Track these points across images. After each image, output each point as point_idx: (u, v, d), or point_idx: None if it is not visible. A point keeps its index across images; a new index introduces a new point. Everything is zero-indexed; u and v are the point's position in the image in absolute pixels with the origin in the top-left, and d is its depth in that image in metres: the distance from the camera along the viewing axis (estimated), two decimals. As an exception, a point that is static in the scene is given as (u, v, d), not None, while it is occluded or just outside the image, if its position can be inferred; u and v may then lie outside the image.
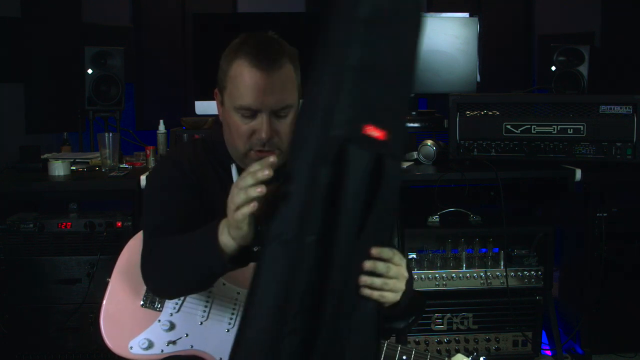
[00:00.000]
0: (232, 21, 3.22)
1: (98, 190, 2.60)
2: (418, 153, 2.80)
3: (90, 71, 3.03)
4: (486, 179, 2.63)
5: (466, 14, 3.14)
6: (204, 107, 2.90)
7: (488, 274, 2.68)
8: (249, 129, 1.50)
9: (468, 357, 1.59)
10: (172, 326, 1.55)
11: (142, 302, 1.59)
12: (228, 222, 1.27)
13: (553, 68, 3.22)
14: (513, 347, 2.74)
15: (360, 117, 0.78)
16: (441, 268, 2.69)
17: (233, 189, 1.26)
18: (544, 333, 2.82)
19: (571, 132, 2.65)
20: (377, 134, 0.81)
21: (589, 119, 2.64)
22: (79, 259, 2.57)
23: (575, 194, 2.70)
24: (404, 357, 1.54)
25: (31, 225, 2.56)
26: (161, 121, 2.97)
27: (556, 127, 2.66)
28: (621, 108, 2.61)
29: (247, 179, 1.23)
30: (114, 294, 1.62)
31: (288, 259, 0.84)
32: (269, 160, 1.24)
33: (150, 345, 1.54)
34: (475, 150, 2.72)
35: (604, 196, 2.76)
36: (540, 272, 2.70)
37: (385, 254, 1.24)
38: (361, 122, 0.80)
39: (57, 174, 2.62)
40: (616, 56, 3.62)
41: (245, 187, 1.22)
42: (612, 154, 2.63)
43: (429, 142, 2.79)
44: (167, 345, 1.54)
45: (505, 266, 2.68)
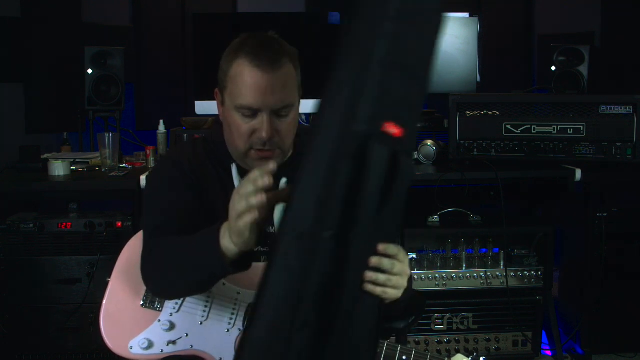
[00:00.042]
0: (232, 21, 3.22)
1: (98, 190, 2.60)
2: (418, 153, 2.80)
3: (90, 71, 3.03)
4: (486, 179, 2.63)
5: (466, 14, 3.14)
6: (204, 107, 2.90)
7: (488, 274, 2.68)
8: (250, 129, 1.50)
9: (468, 357, 1.59)
10: (172, 326, 1.55)
11: (142, 302, 1.59)
12: (229, 227, 1.26)
13: (553, 68, 3.22)
14: (513, 347, 2.74)
15: (382, 114, 0.78)
16: (441, 268, 2.69)
17: (234, 196, 1.25)
18: (544, 333, 2.82)
19: (571, 132, 2.65)
20: (395, 131, 0.81)
21: (589, 119, 2.64)
22: (79, 259, 2.57)
23: (575, 194, 2.70)
24: (404, 357, 1.54)
25: (31, 225, 2.56)
26: (161, 121, 2.97)
27: (556, 127, 2.66)
28: (621, 108, 2.61)
29: (248, 186, 1.22)
30: (114, 294, 1.62)
31: (303, 253, 0.83)
32: (269, 167, 1.23)
33: (150, 345, 1.54)
34: (475, 150, 2.72)
35: (604, 196, 2.76)
36: (540, 272, 2.70)
37: (391, 251, 1.24)
38: (383, 119, 0.80)
39: (57, 174, 2.62)
40: (616, 56, 3.62)
41: (246, 195, 1.22)
42: (612, 154, 2.63)
43: (429, 142, 2.79)
44: (167, 345, 1.54)
45: (505, 266, 2.68)
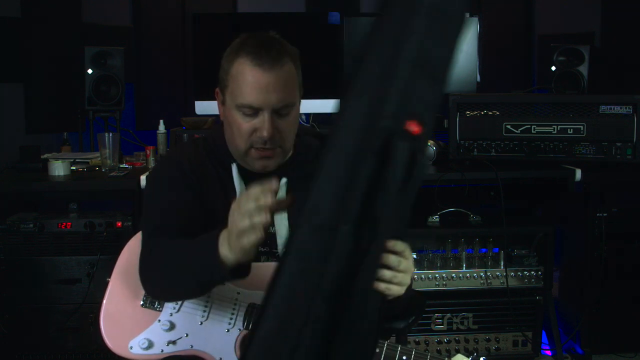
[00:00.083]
0: (232, 21, 3.22)
1: (98, 190, 2.60)
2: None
3: (90, 71, 3.03)
4: (486, 179, 2.63)
5: (466, 14, 3.13)
6: (204, 107, 2.90)
7: (488, 274, 2.68)
8: (251, 127, 1.50)
9: (468, 357, 1.59)
10: (172, 326, 1.55)
11: (142, 302, 1.59)
12: (229, 237, 1.26)
13: (553, 68, 3.22)
14: (513, 347, 2.74)
15: (406, 111, 0.78)
16: (441, 268, 2.69)
17: (234, 211, 1.24)
18: (544, 333, 2.82)
19: (571, 132, 2.65)
20: (415, 129, 0.81)
21: (589, 119, 2.64)
22: (79, 259, 2.57)
23: (575, 194, 2.70)
24: (404, 357, 1.54)
25: (31, 225, 2.56)
26: (161, 121, 2.97)
27: (556, 127, 2.66)
28: (621, 108, 2.61)
29: (250, 204, 1.21)
30: (114, 294, 1.62)
31: (321, 245, 0.82)
32: (272, 185, 1.23)
33: (150, 345, 1.54)
34: (475, 150, 2.72)
35: (604, 196, 2.76)
36: (540, 272, 2.70)
37: (398, 247, 1.24)
38: (406, 116, 0.80)
39: (57, 174, 2.62)
40: (616, 56, 3.62)
41: (248, 213, 1.21)
42: (612, 154, 2.63)
43: (429, 142, 2.79)
44: (167, 345, 1.54)
45: (505, 266, 2.68)
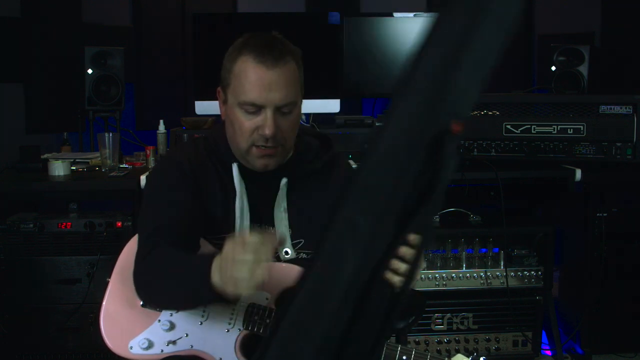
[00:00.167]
0: (232, 21, 3.22)
1: (98, 190, 2.60)
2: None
3: (90, 71, 3.03)
4: (486, 179, 2.63)
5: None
6: (204, 107, 2.89)
7: (488, 274, 2.68)
8: (253, 125, 1.50)
9: (468, 357, 1.59)
10: (172, 326, 1.55)
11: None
12: (222, 273, 1.26)
13: (553, 68, 3.22)
14: (513, 347, 2.74)
15: (455, 111, 0.78)
16: (441, 268, 2.69)
17: (227, 259, 1.24)
18: (544, 333, 2.82)
19: (571, 132, 2.65)
20: (457, 128, 0.82)
21: (589, 119, 2.63)
22: (79, 259, 2.57)
23: (575, 194, 2.70)
24: (404, 357, 1.53)
25: (31, 225, 2.56)
26: (161, 121, 2.97)
27: (556, 127, 2.66)
28: (621, 108, 2.61)
29: (247, 255, 1.21)
30: (114, 294, 1.62)
31: (363, 236, 0.81)
32: (274, 238, 1.26)
33: (150, 345, 1.54)
34: (475, 150, 2.72)
35: (604, 196, 2.76)
36: (540, 272, 2.70)
37: (416, 241, 1.25)
38: (454, 116, 0.80)
39: (57, 174, 2.62)
40: (616, 56, 3.62)
41: (247, 265, 1.21)
42: (612, 154, 2.63)
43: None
44: (167, 345, 1.54)
45: (505, 266, 2.68)
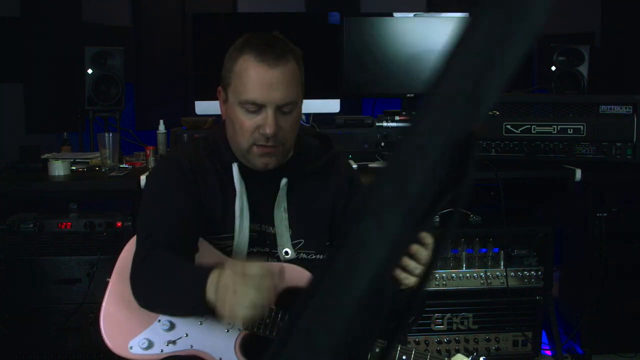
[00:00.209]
0: (232, 21, 3.22)
1: (98, 190, 2.60)
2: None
3: (90, 71, 3.03)
4: (486, 179, 2.63)
5: (466, 14, 3.13)
6: (204, 107, 2.89)
7: (488, 274, 2.68)
8: (253, 124, 1.50)
9: (468, 357, 1.59)
10: (172, 326, 1.55)
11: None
12: (218, 297, 1.27)
13: (553, 68, 3.22)
14: (513, 347, 2.74)
15: (482, 112, 0.79)
16: (441, 268, 2.69)
17: (228, 288, 1.24)
18: (544, 333, 2.82)
19: (571, 132, 2.65)
20: (477, 129, 0.82)
21: (589, 119, 2.63)
22: (79, 259, 2.57)
23: (575, 194, 2.70)
24: (404, 357, 1.53)
25: (31, 225, 2.56)
26: (161, 121, 2.97)
27: (556, 127, 2.66)
28: (621, 108, 2.61)
29: (249, 290, 1.22)
30: (114, 294, 1.62)
31: (389, 235, 0.81)
32: (276, 271, 1.27)
33: (150, 345, 1.54)
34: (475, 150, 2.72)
35: (604, 196, 2.76)
36: (540, 272, 2.70)
37: (427, 240, 1.25)
38: (480, 118, 0.81)
39: (57, 174, 2.62)
40: (616, 56, 3.62)
41: (247, 298, 1.22)
42: (612, 154, 2.62)
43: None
44: (167, 345, 1.54)
45: (505, 266, 2.68)
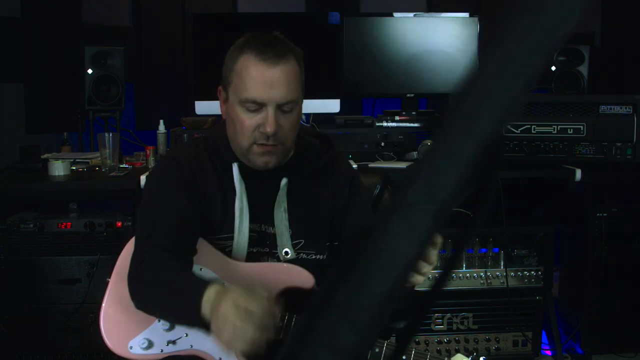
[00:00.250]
0: (232, 21, 3.22)
1: (98, 190, 2.60)
2: (418, 153, 2.79)
3: (90, 71, 3.03)
4: (486, 179, 2.63)
5: (466, 14, 3.13)
6: (204, 107, 2.89)
7: (488, 274, 2.68)
8: (254, 123, 1.50)
9: (468, 357, 1.59)
10: (172, 326, 1.54)
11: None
12: (218, 331, 1.28)
13: (553, 68, 3.22)
14: (513, 347, 2.74)
15: (510, 115, 0.79)
16: (441, 268, 2.69)
17: (228, 321, 1.25)
18: (544, 333, 2.82)
19: (571, 132, 2.65)
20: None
21: (589, 119, 2.63)
22: (79, 259, 2.57)
23: (575, 194, 2.70)
24: (404, 357, 1.53)
25: (31, 225, 2.56)
26: (161, 121, 2.97)
27: (556, 127, 2.66)
28: (621, 108, 2.61)
29: (250, 328, 1.23)
30: (114, 294, 1.62)
31: (418, 234, 0.80)
32: (275, 314, 1.28)
33: (150, 345, 1.53)
34: (475, 150, 2.72)
35: (604, 196, 2.76)
36: (540, 272, 2.70)
37: (436, 240, 1.25)
38: (509, 120, 0.81)
39: (57, 174, 2.62)
40: (616, 56, 3.62)
41: (248, 335, 1.23)
42: (612, 154, 2.63)
43: (429, 142, 2.79)
44: (167, 345, 1.54)
45: (505, 266, 2.68)
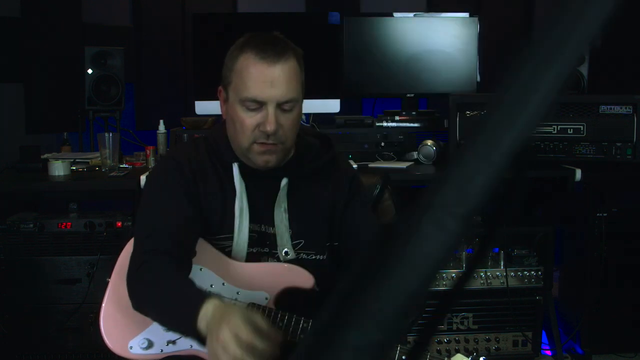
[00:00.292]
0: (232, 21, 3.22)
1: (98, 190, 2.60)
2: (418, 153, 2.79)
3: (90, 71, 3.03)
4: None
5: (466, 14, 3.13)
6: (204, 107, 2.89)
7: (488, 274, 2.68)
8: (254, 122, 1.50)
9: (468, 357, 1.59)
10: (172, 326, 1.55)
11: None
12: (213, 356, 1.28)
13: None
14: (513, 347, 2.74)
15: (540, 120, 0.78)
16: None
17: (227, 349, 1.24)
18: (544, 333, 2.82)
19: (571, 132, 2.65)
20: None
21: (589, 119, 2.63)
22: (79, 259, 2.57)
23: (575, 194, 2.70)
24: (404, 357, 1.53)
25: (31, 225, 2.56)
26: (161, 121, 2.97)
27: (556, 127, 2.66)
28: (621, 108, 2.61)
29: (248, 359, 1.24)
30: (114, 294, 1.62)
31: (449, 237, 0.79)
32: (277, 338, 1.28)
33: (150, 345, 1.53)
34: (475, 150, 2.72)
35: (604, 196, 2.76)
36: (540, 272, 2.70)
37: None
38: (537, 126, 0.81)
39: (57, 174, 2.62)
40: (616, 56, 3.62)
41: (250, 344, 1.24)
42: (612, 154, 2.63)
43: (429, 142, 2.79)
44: (167, 345, 1.54)
45: (505, 266, 2.68)
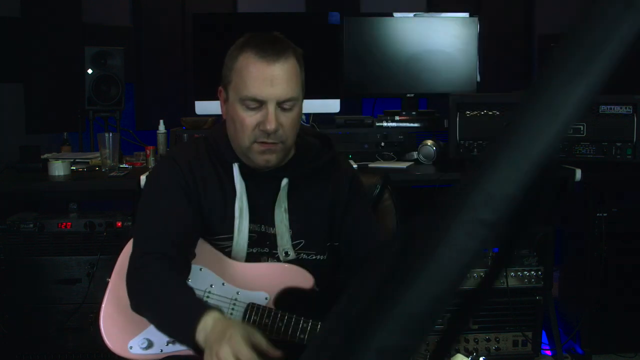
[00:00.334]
0: (232, 21, 3.22)
1: (98, 190, 2.60)
2: (418, 153, 2.79)
3: (90, 71, 3.03)
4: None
5: (466, 14, 3.13)
6: (204, 107, 2.89)
7: (488, 274, 2.68)
8: (254, 121, 1.50)
9: (468, 357, 1.59)
10: (172, 326, 1.55)
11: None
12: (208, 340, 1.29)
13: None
14: (513, 347, 2.74)
15: (569, 125, 0.78)
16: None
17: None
18: (544, 333, 2.82)
19: (571, 132, 2.65)
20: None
21: (589, 119, 2.63)
22: (79, 259, 2.57)
23: (575, 194, 2.70)
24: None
25: (31, 225, 2.56)
26: (161, 121, 2.97)
27: (556, 127, 2.66)
28: (621, 108, 2.61)
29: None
30: (114, 294, 1.62)
31: (479, 242, 0.77)
32: (274, 357, 1.30)
33: (149, 345, 1.53)
34: (475, 150, 2.72)
35: (604, 196, 2.76)
36: (540, 272, 2.70)
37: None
38: (566, 131, 0.81)
39: (57, 174, 2.62)
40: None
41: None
42: (612, 154, 2.63)
43: (429, 142, 2.79)
44: (167, 345, 1.54)
45: (505, 266, 2.68)
